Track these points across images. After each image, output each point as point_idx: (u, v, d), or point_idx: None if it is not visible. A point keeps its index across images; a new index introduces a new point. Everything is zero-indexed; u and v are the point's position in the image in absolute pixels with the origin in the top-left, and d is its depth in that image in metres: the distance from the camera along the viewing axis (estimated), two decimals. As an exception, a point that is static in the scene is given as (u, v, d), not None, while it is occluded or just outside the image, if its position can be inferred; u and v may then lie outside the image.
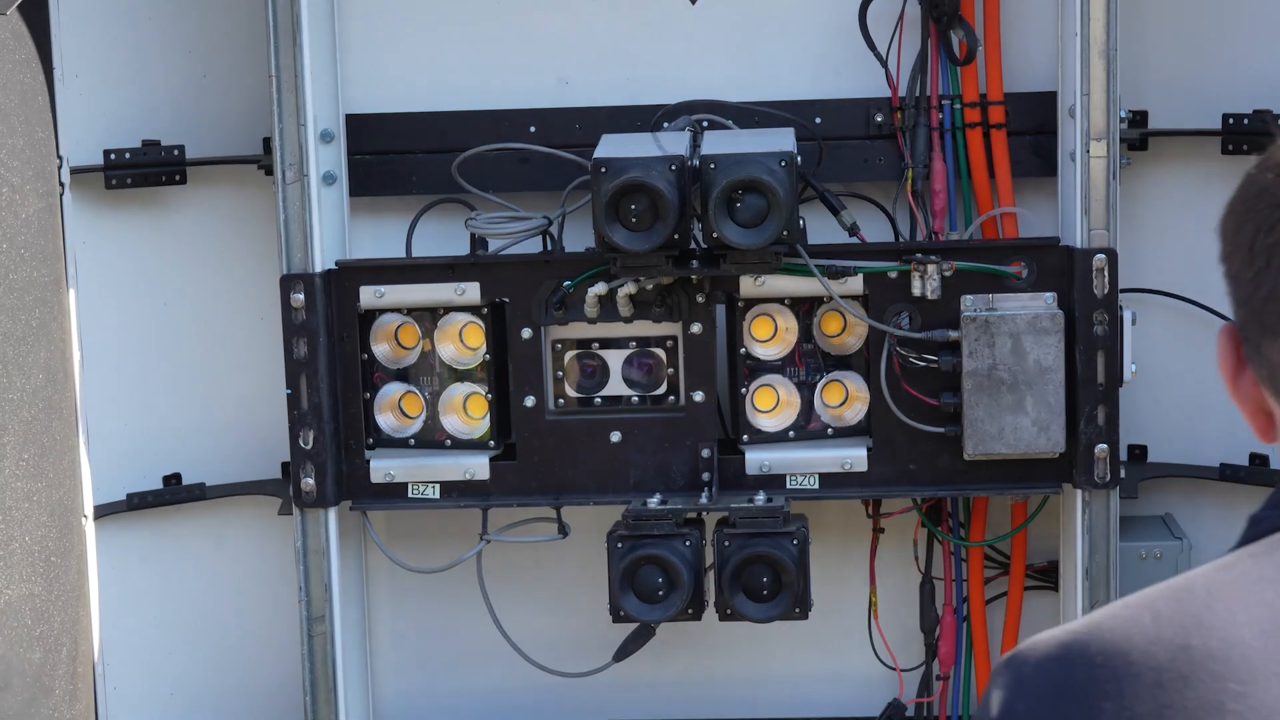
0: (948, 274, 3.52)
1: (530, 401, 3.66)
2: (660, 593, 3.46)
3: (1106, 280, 3.49)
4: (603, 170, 3.35)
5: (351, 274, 3.66)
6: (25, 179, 2.11)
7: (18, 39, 2.09)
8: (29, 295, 2.17)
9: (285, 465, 3.94)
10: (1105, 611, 1.45)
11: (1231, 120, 3.71)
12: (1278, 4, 3.76)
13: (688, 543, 3.48)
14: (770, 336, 3.64)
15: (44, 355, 2.21)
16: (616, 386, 3.68)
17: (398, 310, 3.68)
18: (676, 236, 3.37)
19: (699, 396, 3.63)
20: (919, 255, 3.53)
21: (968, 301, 3.53)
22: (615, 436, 3.64)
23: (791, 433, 3.66)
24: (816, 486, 3.62)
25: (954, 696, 3.91)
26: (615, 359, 3.68)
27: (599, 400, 3.68)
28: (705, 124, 3.65)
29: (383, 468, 3.68)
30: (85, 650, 3.00)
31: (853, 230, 3.63)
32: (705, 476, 3.62)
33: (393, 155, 3.84)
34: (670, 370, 3.66)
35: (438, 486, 3.68)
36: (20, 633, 2.16)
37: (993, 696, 1.44)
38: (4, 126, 2.08)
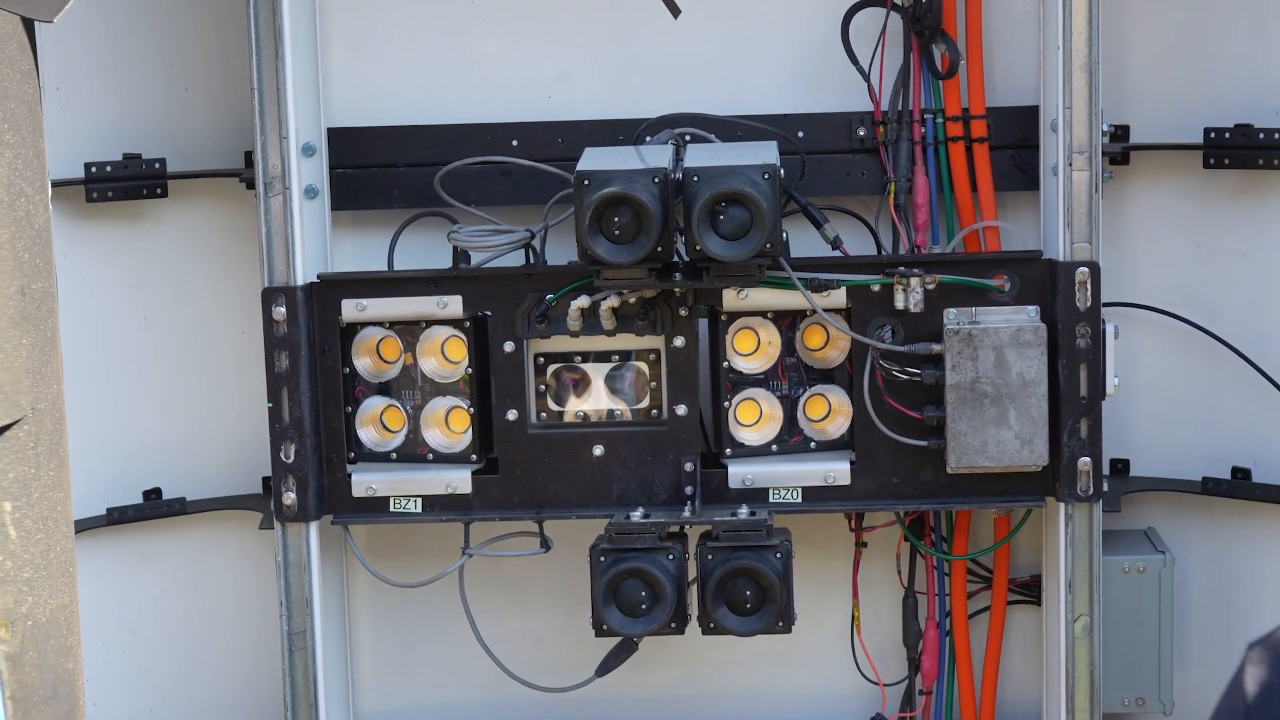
0: (930, 287, 3.53)
1: (513, 415, 3.65)
2: (643, 606, 3.45)
3: (1089, 293, 3.49)
4: (586, 182, 3.34)
5: (333, 287, 3.65)
6: (35, 189, 2.15)
7: (22, 50, 2.10)
8: (44, 306, 2.22)
9: (266, 480, 3.93)
10: None
11: (1213, 134, 3.72)
12: (1259, 19, 3.77)
13: (671, 556, 3.47)
14: (753, 350, 3.63)
15: (56, 365, 2.26)
16: (599, 400, 3.67)
17: (379, 324, 3.67)
18: (659, 249, 3.36)
19: (682, 410, 3.62)
20: (902, 269, 3.53)
21: (950, 315, 3.53)
22: (598, 450, 3.64)
23: (774, 446, 3.66)
24: (799, 500, 3.62)
25: (937, 711, 3.90)
26: (598, 372, 3.67)
27: (581, 414, 3.68)
28: (688, 137, 3.65)
29: (364, 481, 3.66)
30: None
31: (835, 244, 3.63)
32: (688, 490, 3.61)
33: (375, 169, 3.83)
34: (653, 384, 3.66)
35: (420, 500, 3.67)
36: (59, 643, 2.22)
37: (1247, 674, 1.45)
38: (17, 137, 2.10)
